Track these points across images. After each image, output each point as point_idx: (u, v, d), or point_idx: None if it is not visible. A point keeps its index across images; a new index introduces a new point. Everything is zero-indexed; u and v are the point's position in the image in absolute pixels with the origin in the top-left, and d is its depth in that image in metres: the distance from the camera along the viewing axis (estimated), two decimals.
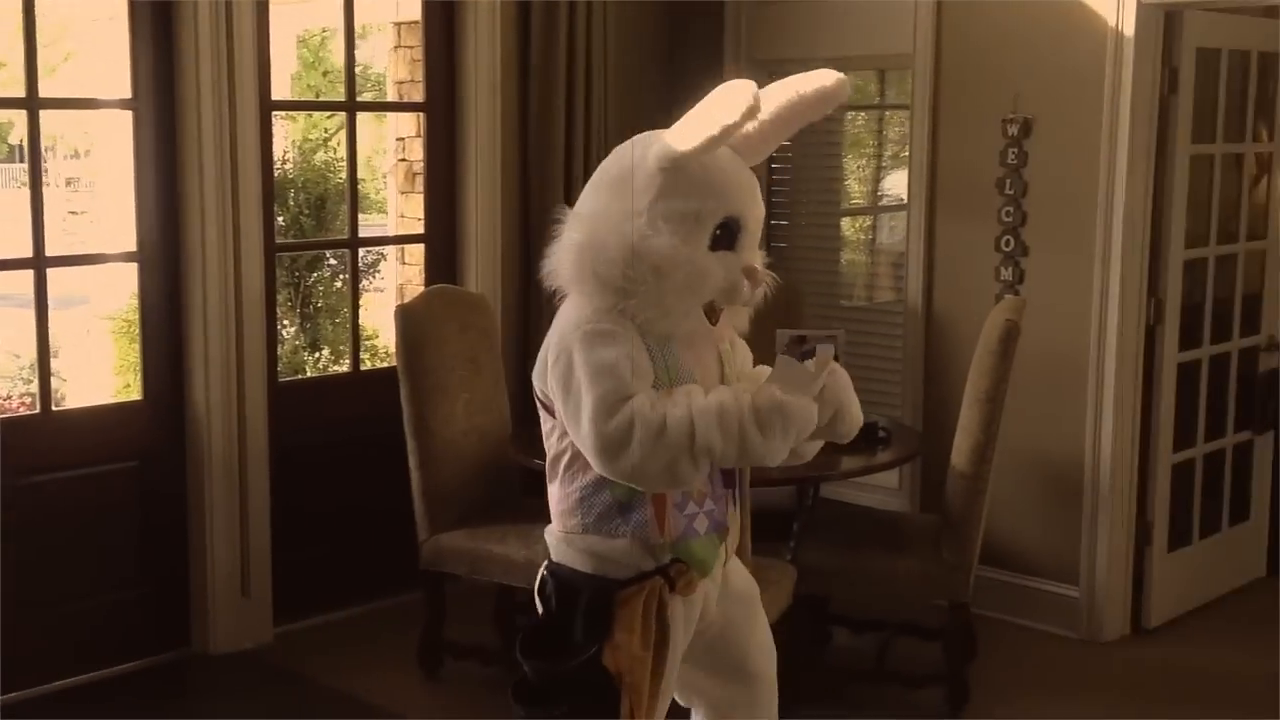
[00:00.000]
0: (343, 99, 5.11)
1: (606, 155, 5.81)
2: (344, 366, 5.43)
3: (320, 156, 8.25)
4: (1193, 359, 5.00)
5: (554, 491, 2.63)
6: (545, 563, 2.66)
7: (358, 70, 5.33)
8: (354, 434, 4.90)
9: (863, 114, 5.79)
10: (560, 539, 2.62)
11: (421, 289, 4.75)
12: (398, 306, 4.35)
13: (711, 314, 2.55)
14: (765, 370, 2.66)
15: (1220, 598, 5.22)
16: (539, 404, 2.61)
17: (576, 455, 2.53)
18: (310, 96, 10.57)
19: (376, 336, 7.12)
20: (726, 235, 2.51)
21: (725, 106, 2.43)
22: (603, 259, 2.46)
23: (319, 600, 4.90)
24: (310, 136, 8.88)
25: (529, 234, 5.27)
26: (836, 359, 2.65)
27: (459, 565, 4.25)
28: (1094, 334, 4.70)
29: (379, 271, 7.64)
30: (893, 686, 4.28)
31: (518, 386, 5.14)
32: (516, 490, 4.54)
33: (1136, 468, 4.84)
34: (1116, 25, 4.55)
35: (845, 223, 5.87)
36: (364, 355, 6.21)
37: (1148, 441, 4.87)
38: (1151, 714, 4.27)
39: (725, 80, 6.03)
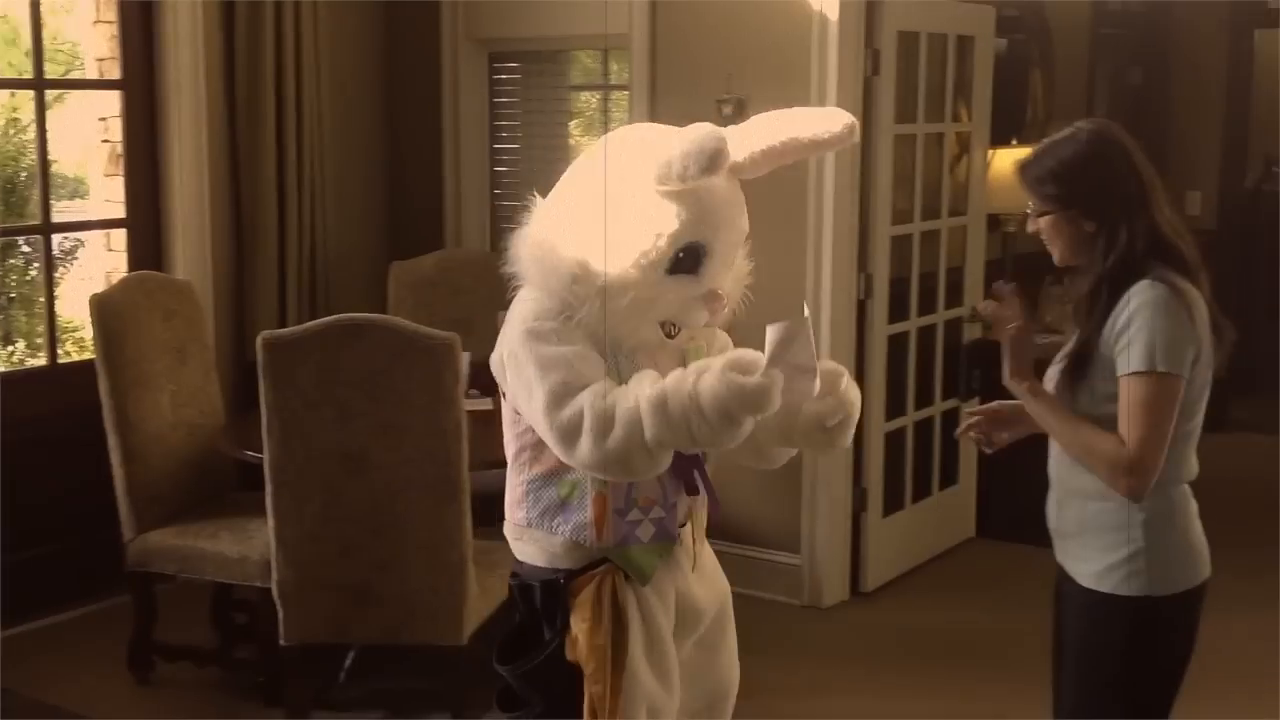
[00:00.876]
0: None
1: (323, 141, 5.66)
2: (41, 360, 5.14)
3: (21, 138, 7.79)
4: (901, 330, 5.19)
5: (508, 482, 2.59)
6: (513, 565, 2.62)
7: (65, 47, 5.05)
8: (52, 431, 4.64)
9: (593, 94, 5.81)
10: (513, 534, 2.58)
11: None
12: (92, 296, 4.12)
13: (670, 329, 2.48)
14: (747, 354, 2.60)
15: (933, 559, 5.44)
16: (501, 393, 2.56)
17: (524, 448, 2.49)
18: (13, 75, 9.94)
19: (83, 327, 6.76)
20: (690, 259, 2.43)
21: (691, 156, 2.35)
22: (551, 269, 2.42)
23: (18, 609, 4.59)
24: (11, 118, 8.38)
25: (241, 220, 5.09)
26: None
27: (168, 564, 4.07)
28: (809, 309, 4.81)
29: (76, 258, 7.26)
30: None
31: (236, 376, 4.97)
32: (230, 484, 4.37)
33: (851, 437, 4.99)
34: (821, 8, 4.66)
35: None
36: (70, 347, 5.89)
37: (861, 411, 5.00)
38: (870, 673, 4.42)
39: (444, 63, 5.91)
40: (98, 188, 5.26)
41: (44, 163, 4.81)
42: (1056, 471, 2.64)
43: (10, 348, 6.91)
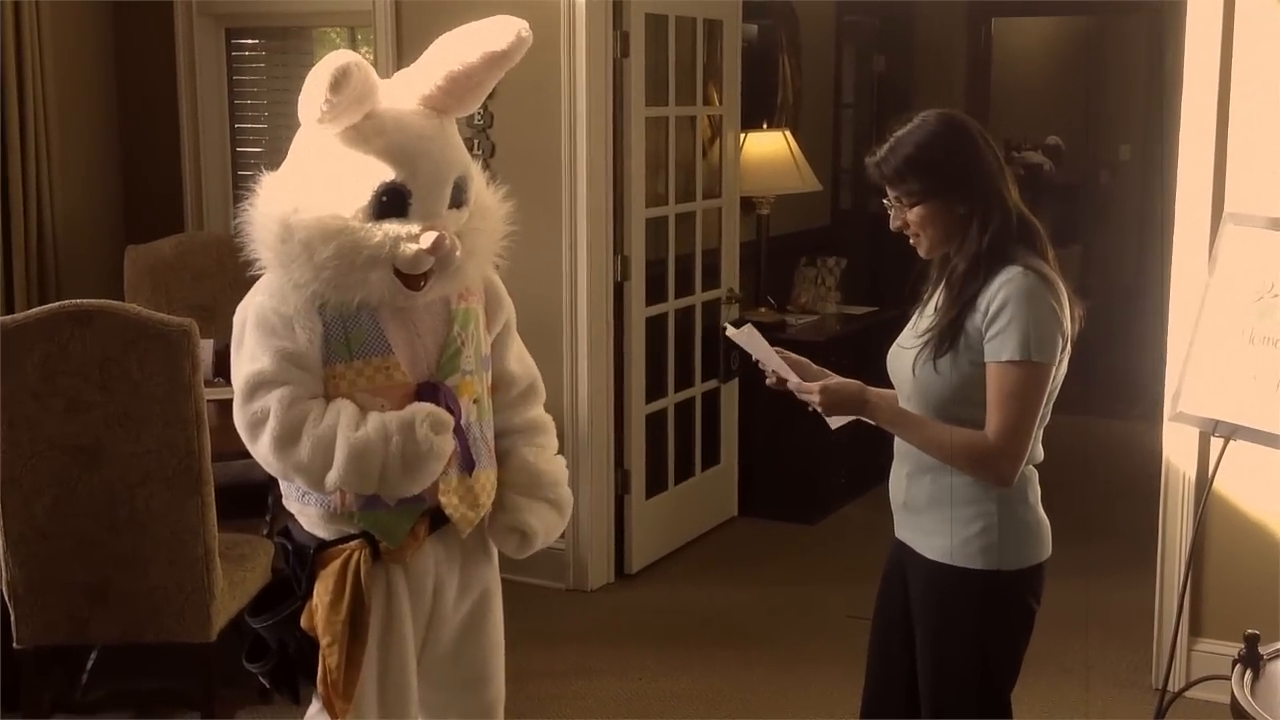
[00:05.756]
0: None
1: (48, 119, 5.35)
2: None
3: None
4: (660, 313, 5.24)
5: None
6: None
7: None
8: None
9: None
10: (286, 503, 2.63)
11: None
12: None
13: (414, 280, 2.45)
14: (521, 368, 2.75)
15: (697, 539, 5.51)
16: None
17: None
18: None
19: None
20: (393, 201, 2.41)
21: (318, 80, 2.34)
22: (262, 233, 2.43)
23: None
24: None
25: None
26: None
27: None
28: (566, 292, 4.82)
29: None
30: None
31: None
32: None
33: (613, 419, 5.02)
34: None
35: None
36: None
37: (621, 393, 5.05)
38: (635, 655, 4.44)
39: (179, 40, 5.68)
40: None
41: None
42: (906, 446, 2.61)
43: None
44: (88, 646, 3.92)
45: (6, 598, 3.48)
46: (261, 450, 2.46)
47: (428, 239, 2.42)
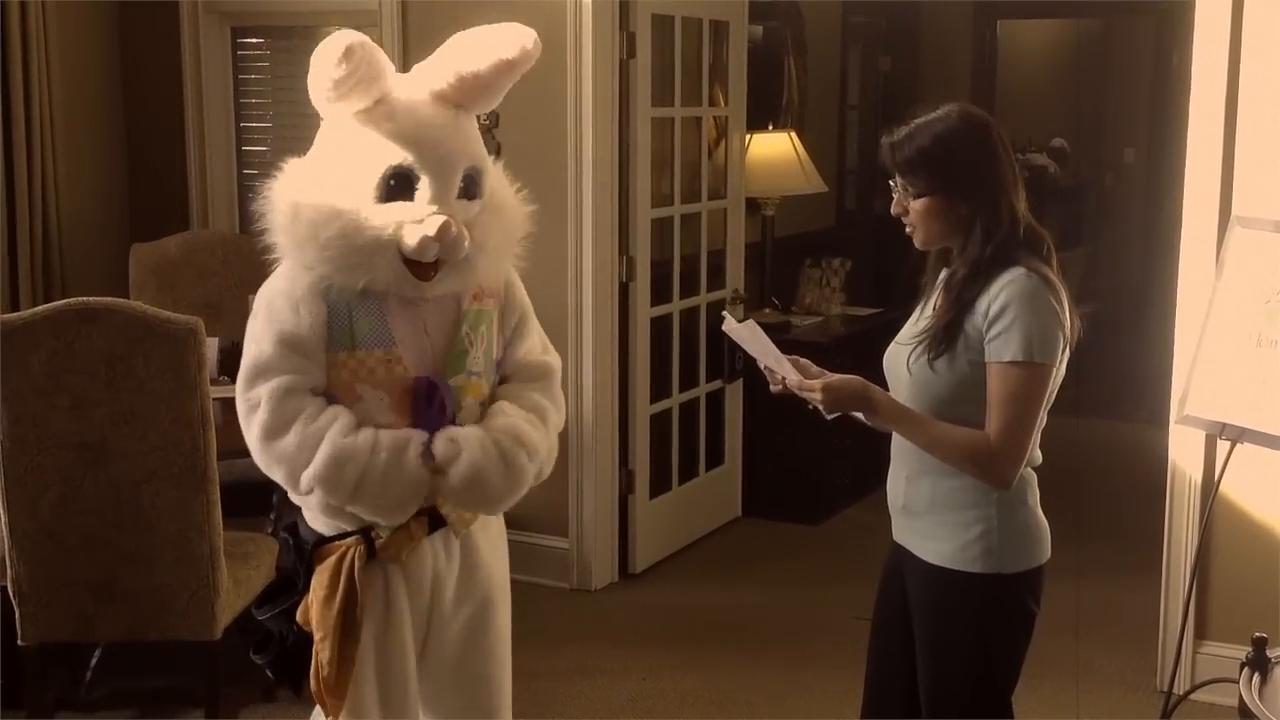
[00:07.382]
0: None
1: (53, 117, 5.33)
2: None
3: None
4: (665, 313, 5.24)
5: None
6: None
7: None
8: None
9: None
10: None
11: None
12: None
13: (423, 269, 2.43)
14: (531, 357, 2.70)
15: (701, 539, 5.51)
16: None
17: None
18: None
19: None
20: (401, 185, 2.42)
21: (324, 62, 2.39)
22: (275, 216, 2.45)
23: None
24: None
25: None
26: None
27: None
28: (571, 292, 4.82)
29: None
30: None
31: None
32: None
33: (617, 419, 5.02)
34: None
35: None
36: None
37: (626, 393, 5.05)
38: (639, 654, 4.45)
39: (183, 36, 5.64)
40: None
41: None
42: (904, 449, 2.60)
43: None
44: (92, 644, 3.92)
45: (12, 595, 3.48)
46: (250, 437, 2.48)
47: (433, 224, 2.41)
